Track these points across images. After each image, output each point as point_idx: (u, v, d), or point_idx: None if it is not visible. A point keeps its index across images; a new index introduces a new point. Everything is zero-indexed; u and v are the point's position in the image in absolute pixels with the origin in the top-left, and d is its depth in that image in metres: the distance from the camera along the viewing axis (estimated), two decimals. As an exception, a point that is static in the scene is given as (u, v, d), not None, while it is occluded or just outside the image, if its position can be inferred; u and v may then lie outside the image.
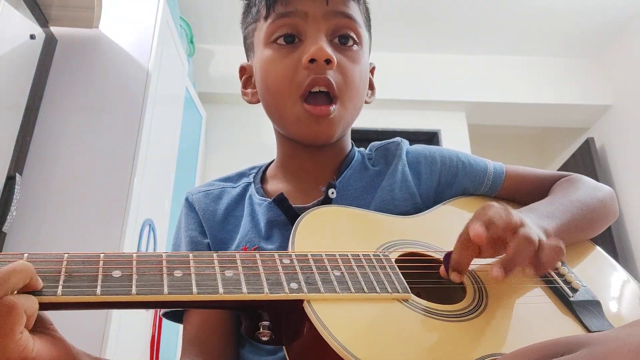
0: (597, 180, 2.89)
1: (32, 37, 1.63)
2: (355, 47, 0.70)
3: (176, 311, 0.69)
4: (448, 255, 0.56)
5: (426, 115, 3.32)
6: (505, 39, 3.27)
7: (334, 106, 0.66)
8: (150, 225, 1.76)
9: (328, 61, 0.65)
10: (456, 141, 3.25)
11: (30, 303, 0.39)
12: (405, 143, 0.80)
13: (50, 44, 1.73)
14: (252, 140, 3.02)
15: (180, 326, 0.70)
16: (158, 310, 1.76)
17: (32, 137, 1.61)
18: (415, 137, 3.27)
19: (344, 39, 0.69)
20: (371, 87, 0.78)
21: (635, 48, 3.14)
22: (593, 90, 3.35)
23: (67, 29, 1.80)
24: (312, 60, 0.65)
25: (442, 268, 0.56)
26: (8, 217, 1.42)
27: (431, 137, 3.31)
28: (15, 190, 1.45)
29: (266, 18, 0.70)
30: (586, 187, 0.73)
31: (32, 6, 1.61)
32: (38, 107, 1.65)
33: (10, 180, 1.46)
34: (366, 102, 0.76)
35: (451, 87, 3.31)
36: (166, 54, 2.00)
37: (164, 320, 1.62)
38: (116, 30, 1.85)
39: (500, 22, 3.12)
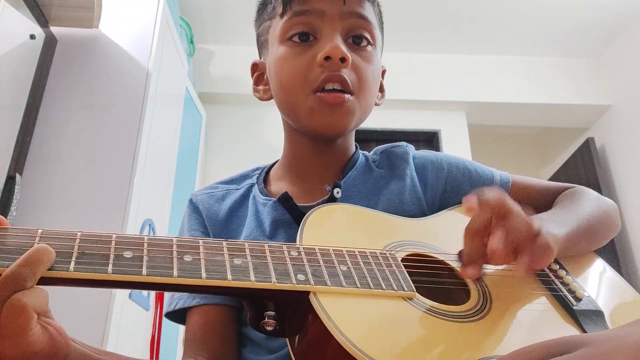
0: (597, 180, 2.88)
1: (32, 37, 1.63)
2: (369, 47, 0.71)
3: (178, 311, 0.69)
4: (460, 253, 0.56)
5: (426, 115, 3.32)
6: (505, 39, 3.27)
7: (348, 95, 0.67)
8: (150, 225, 1.76)
9: (343, 59, 0.65)
10: (456, 141, 3.25)
11: (40, 300, 0.40)
12: (411, 148, 0.80)
13: (50, 44, 1.74)
14: (252, 141, 3.02)
15: (180, 326, 0.70)
16: (158, 310, 1.77)
17: (32, 137, 1.61)
18: (415, 137, 3.27)
19: (358, 39, 0.70)
20: (381, 89, 0.79)
21: (635, 48, 3.14)
22: (593, 90, 3.35)
23: (67, 29, 1.80)
24: (327, 58, 0.65)
25: (460, 268, 0.56)
26: (8, 217, 1.42)
27: (431, 137, 3.31)
28: (15, 190, 1.45)
29: (282, 15, 0.70)
30: (591, 199, 0.74)
31: (32, 6, 1.61)
32: (38, 107, 1.65)
33: (10, 180, 1.46)
34: (376, 104, 0.76)
35: (451, 87, 3.31)
36: (166, 54, 2.00)
37: (164, 320, 1.62)
38: (116, 30, 1.85)
39: (501, 22, 3.12)
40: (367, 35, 0.70)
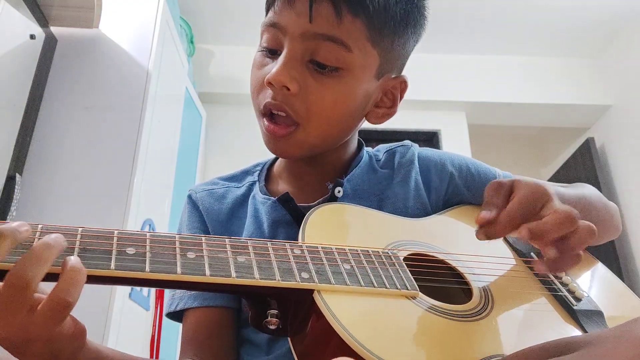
0: (597, 180, 2.86)
1: (32, 37, 1.63)
2: (334, 73, 0.61)
3: (179, 311, 0.68)
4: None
5: (426, 115, 3.32)
6: (505, 39, 3.27)
7: (293, 128, 0.62)
8: (150, 225, 1.76)
9: (286, 87, 0.60)
10: (456, 141, 3.25)
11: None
12: (415, 147, 0.78)
13: (50, 44, 1.74)
14: (252, 140, 2.99)
15: (180, 326, 0.69)
16: (158, 309, 1.77)
17: (32, 137, 1.61)
18: (415, 137, 3.27)
19: (320, 66, 0.61)
20: (381, 106, 0.72)
21: (635, 48, 3.14)
22: (593, 90, 3.35)
23: (67, 29, 1.80)
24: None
25: (482, 214, 0.53)
26: (8, 217, 1.42)
27: (431, 137, 3.31)
28: (15, 190, 1.45)
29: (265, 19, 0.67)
30: (594, 193, 0.74)
31: (32, 6, 1.61)
32: (38, 107, 1.65)
33: (10, 180, 1.46)
34: (374, 123, 0.72)
35: (451, 87, 3.31)
36: (166, 54, 2.00)
37: (164, 320, 1.62)
38: (116, 30, 1.85)
39: (501, 22, 3.12)
40: (332, 62, 0.60)
